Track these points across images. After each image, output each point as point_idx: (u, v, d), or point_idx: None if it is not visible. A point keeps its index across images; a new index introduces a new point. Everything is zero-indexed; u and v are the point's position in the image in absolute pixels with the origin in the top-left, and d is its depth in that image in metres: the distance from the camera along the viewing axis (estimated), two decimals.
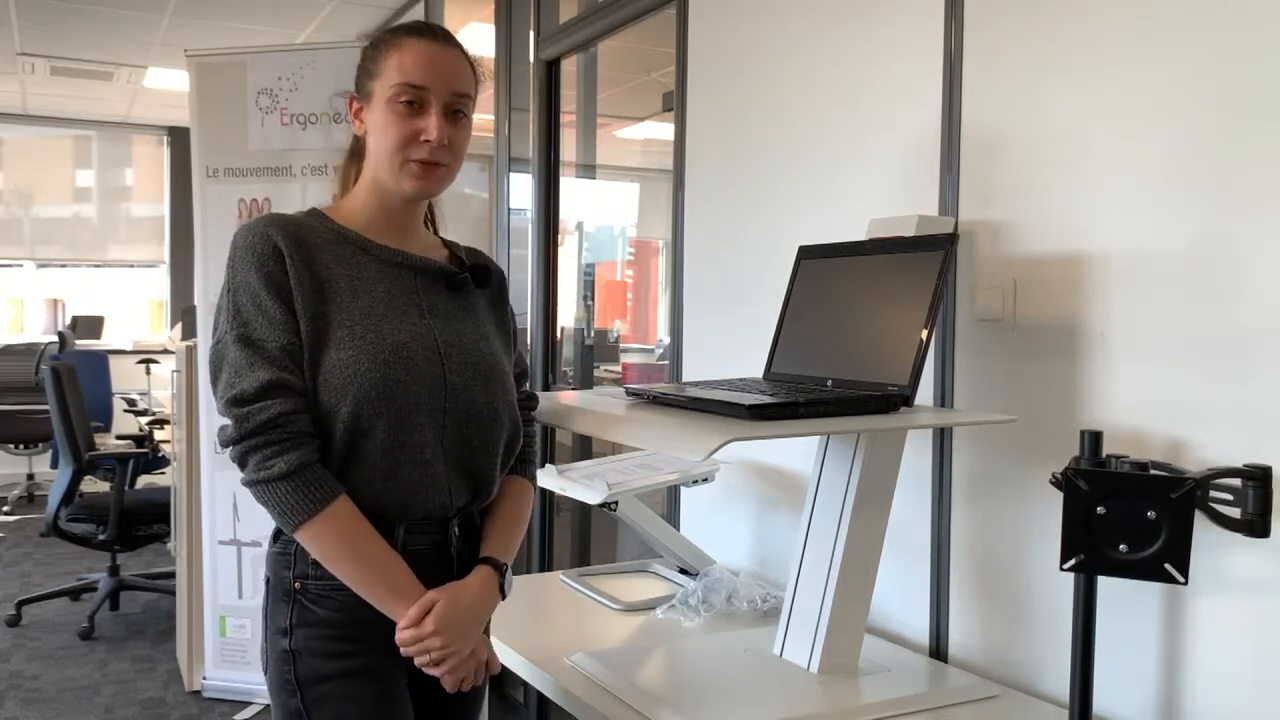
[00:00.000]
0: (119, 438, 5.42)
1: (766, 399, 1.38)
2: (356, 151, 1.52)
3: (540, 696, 3.15)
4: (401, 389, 1.36)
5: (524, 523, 1.56)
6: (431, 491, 1.40)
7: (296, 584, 1.38)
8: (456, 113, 1.43)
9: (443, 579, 1.41)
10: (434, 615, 1.35)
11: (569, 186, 3.47)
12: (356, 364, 1.34)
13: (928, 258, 1.52)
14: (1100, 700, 1.47)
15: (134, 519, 4.38)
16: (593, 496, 1.90)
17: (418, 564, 1.39)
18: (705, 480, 2.10)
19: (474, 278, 1.53)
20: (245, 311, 1.34)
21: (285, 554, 1.40)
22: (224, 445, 1.33)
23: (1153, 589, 1.42)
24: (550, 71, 3.35)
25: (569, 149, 3.55)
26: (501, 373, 1.49)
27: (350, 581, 1.34)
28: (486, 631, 1.52)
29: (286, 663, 1.37)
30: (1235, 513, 1.21)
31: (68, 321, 7.97)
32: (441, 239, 1.58)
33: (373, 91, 1.43)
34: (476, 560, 1.46)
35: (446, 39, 1.45)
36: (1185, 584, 1.15)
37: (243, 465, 1.32)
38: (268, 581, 1.42)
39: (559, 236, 3.43)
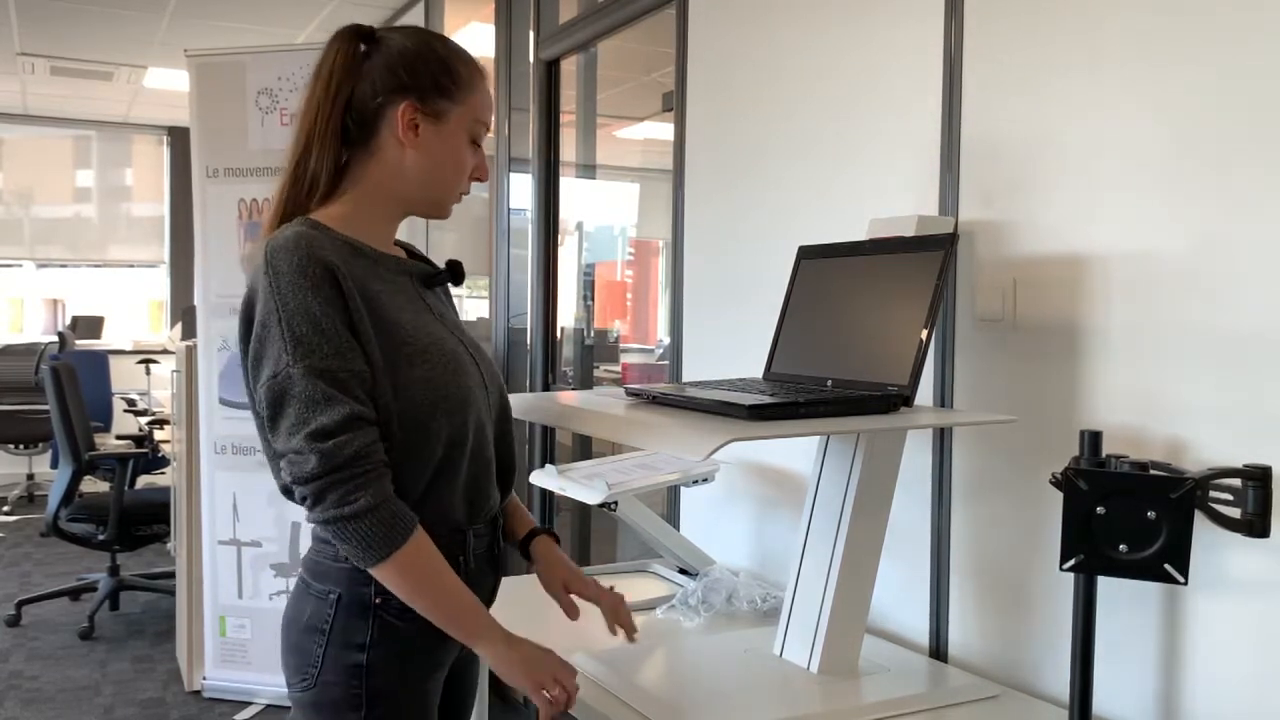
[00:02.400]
0: (119, 438, 5.42)
1: (766, 399, 1.38)
2: (358, 149, 1.38)
3: None
4: (473, 395, 1.38)
5: None
6: (492, 490, 1.44)
7: (378, 599, 1.33)
8: None
9: (489, 578, 1.46)
10: (588, 589, 1.52)
11: (569, 186, 3.48)
12: (436, 379, 1.32)
13: (928, 258, 1.52)
14: (1100, 700, 1.47)
15: (134, 519, 4.38)
16: (593, 496, 1.90)
17: (479, 564, 1.42)
18: (705, 480, 2.10)
19: (454, 276, 1.52)
20: (308, 340, 1.24)
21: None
22: (297, 481, 1.24)
23: (1152, 589, 1.42)
24: (550, 71, 3.35)
25: (569, 149, 3.55)
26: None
27: (430, 612, 1.30)
28: None
29: (357, 676, 1.33)
30: (1235, 513, 1.21)
31: (68, 321, 7.97)
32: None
33: (448, 115, 1.38)
34: (527, 538, 1.56)
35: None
36: (1185, 584, 1.15)
37: (318, 501, 1.24)
38: (339, 598, 1.34)
39: (559, 236, 3.43)
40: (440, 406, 1.32)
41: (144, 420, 5.60)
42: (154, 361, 7.13)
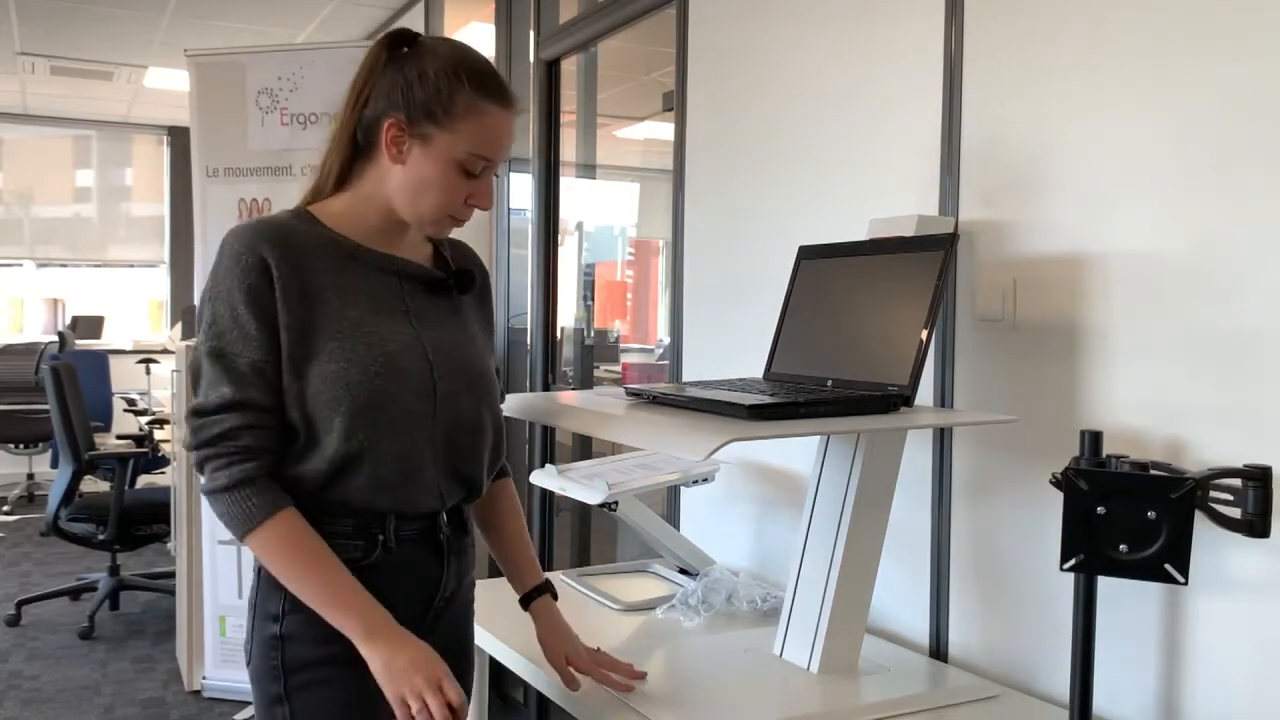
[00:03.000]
0: (119, 437, 5.42)
1: (766, 399, 1.38)
2: (363, 154, 1.42)
3: (540, 696, 3.15)
4: (393, 400, 1.36)
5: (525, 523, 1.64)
6: (423, 497, 1.41)
7: None
8: None
9: (430, 563, 1.44)
10: (583, 663, 1.52)
11: (569, 186, 3.47)
12: (347, 376, 1.33)
13: (928, 258, 1.52)
14: (1100, 700, 1.47)
15: (134, 519, 4.38)
16: (593, 496, 1.90)
17: (406, 549, 1.41)
18: (705, 480, 2.10)
19: (459, 283, 1.50)
20: (220, 323, 1.33)
21: None
22: (187, 449, 1.36)
23: (1153, 589, 1.42)
24: (550, 71, 3.35)
25: (569, 149, 3.55)
26: (488, 377, 1.49)
27: (299, 594, 1.32)
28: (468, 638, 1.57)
29: (274, 648, 1.37)
30: (1235, 513, 1.21)
31: (68, 321, 7.96)
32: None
33: (433, 136, 1.36)
34: (530, 594, 1.57)
35: (514, 103, 1.41)
36: (1185, 584, 1.15)
37: (199, 472, 1.35)
38: (259, 571, 1.40)
39: (559, 236, 3.43)
40: (344, 405, 1.32)
41: (144, 420, 5.60)
42: (154, 361, 7.12)
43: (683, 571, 2.16)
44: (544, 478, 2.06)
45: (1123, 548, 1.17)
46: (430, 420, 1.40)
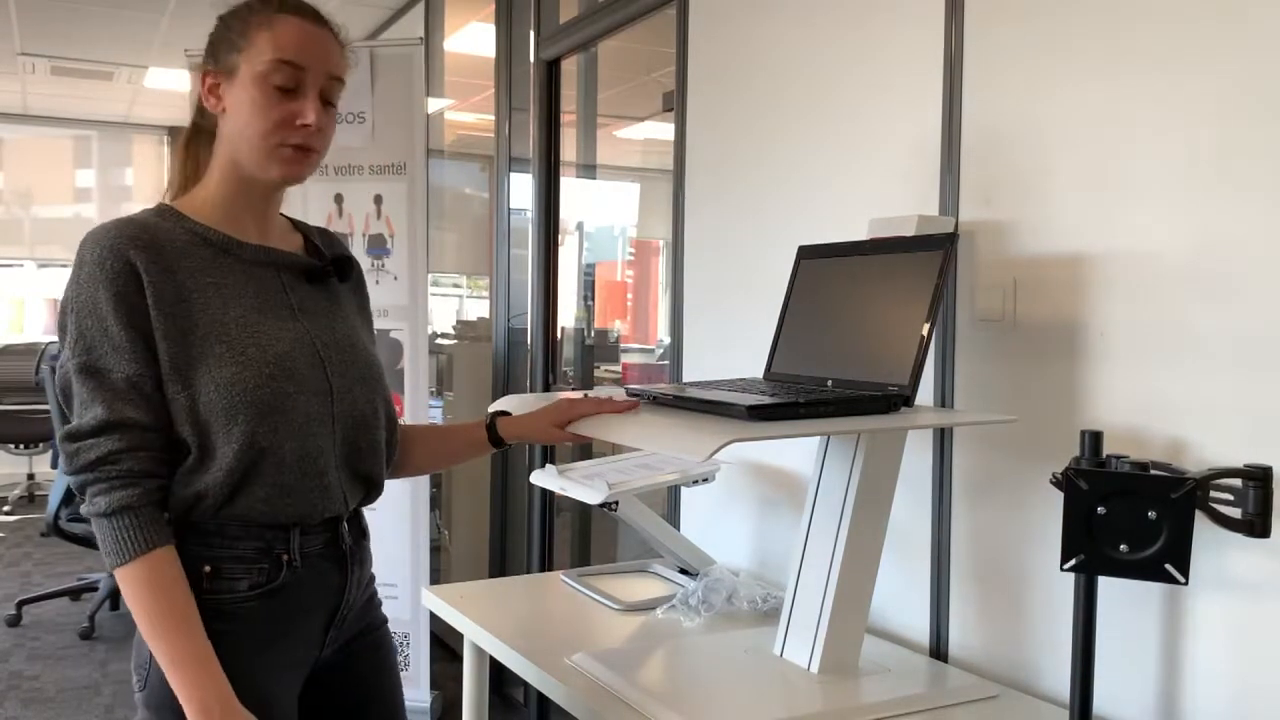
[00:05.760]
0: None
1: (766, 399, 1.38)
2: (204, 131, 1.39)
3: (540, 696, 3.15)
4: (292, 402, 1.29)
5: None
6: (328, 501, 1.35)
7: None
8: (327, 103, 1.35)
9: (333, 575, 1.39)
10: (581, 414, 1.51)
11: (569, 186, 3.48)
12: (243, 381, 1.26)
13: (928, 258, 1.52)
14: (1100, 700, 1.47)
15: None
16: (593, 496, 1.90)
17: (311, 564, 1.36)
18: (705, 480, 2.10)
19: (339, 271, 1.45)
20: (88, 336, 1.23)
21: None
22: (65, 474, 1.26)
23: (1153, 589, 1.42)
24: (550, 71, 3.35)
25: (569, 149, 3.55)
26: (376, 367, 1.44)
27: (149, 640, 1.23)
28: None
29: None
30: (1235, 513, 1.21)
31: None
32: (291, 220, 1.48)
33: (237, 66, 1.31)
34: (489, 428, 1.57)
35: (319, 18, 1.36)
36: (1185, 584, 1.15)
37: (80, 496, 1.24)
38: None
39: (559, 236, 3.43)
40: (242, 411, 1.26)
41: None
42: None
43: (683, 571, 2.16)
44: (544, 478, 2.06)
45: (1123, 548, 1.17)
46: (329, 420, 1.34)
